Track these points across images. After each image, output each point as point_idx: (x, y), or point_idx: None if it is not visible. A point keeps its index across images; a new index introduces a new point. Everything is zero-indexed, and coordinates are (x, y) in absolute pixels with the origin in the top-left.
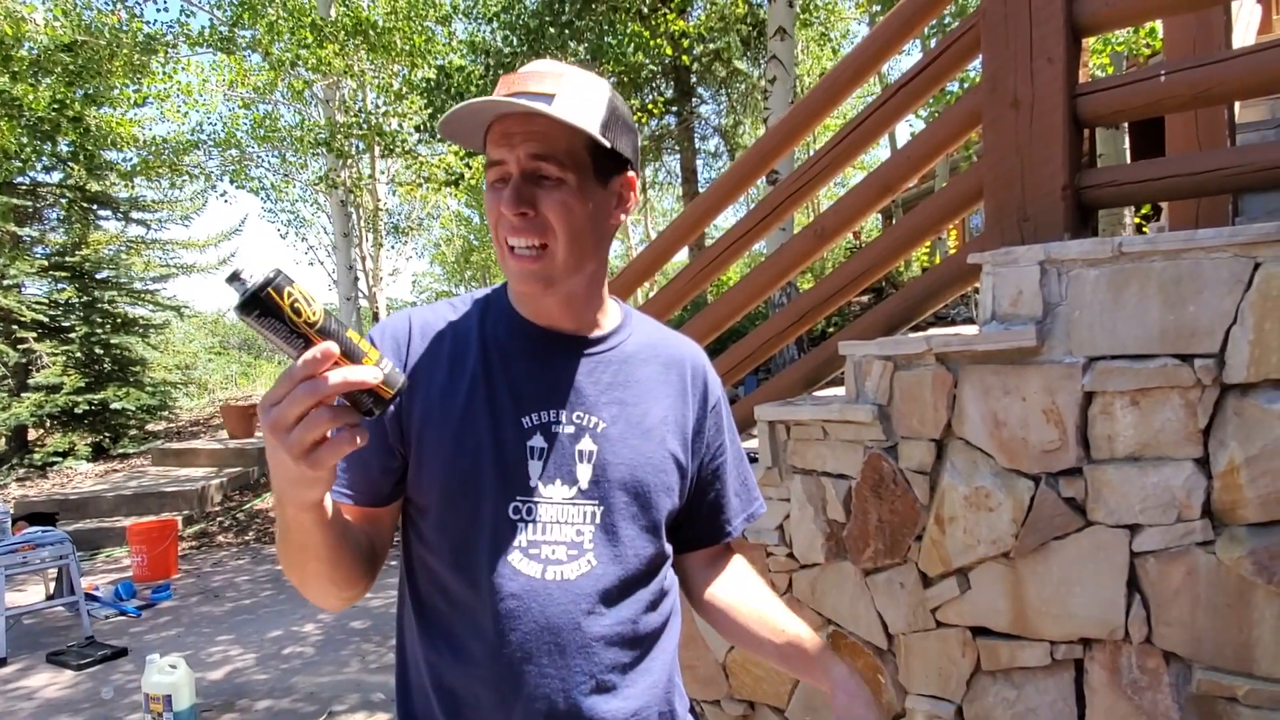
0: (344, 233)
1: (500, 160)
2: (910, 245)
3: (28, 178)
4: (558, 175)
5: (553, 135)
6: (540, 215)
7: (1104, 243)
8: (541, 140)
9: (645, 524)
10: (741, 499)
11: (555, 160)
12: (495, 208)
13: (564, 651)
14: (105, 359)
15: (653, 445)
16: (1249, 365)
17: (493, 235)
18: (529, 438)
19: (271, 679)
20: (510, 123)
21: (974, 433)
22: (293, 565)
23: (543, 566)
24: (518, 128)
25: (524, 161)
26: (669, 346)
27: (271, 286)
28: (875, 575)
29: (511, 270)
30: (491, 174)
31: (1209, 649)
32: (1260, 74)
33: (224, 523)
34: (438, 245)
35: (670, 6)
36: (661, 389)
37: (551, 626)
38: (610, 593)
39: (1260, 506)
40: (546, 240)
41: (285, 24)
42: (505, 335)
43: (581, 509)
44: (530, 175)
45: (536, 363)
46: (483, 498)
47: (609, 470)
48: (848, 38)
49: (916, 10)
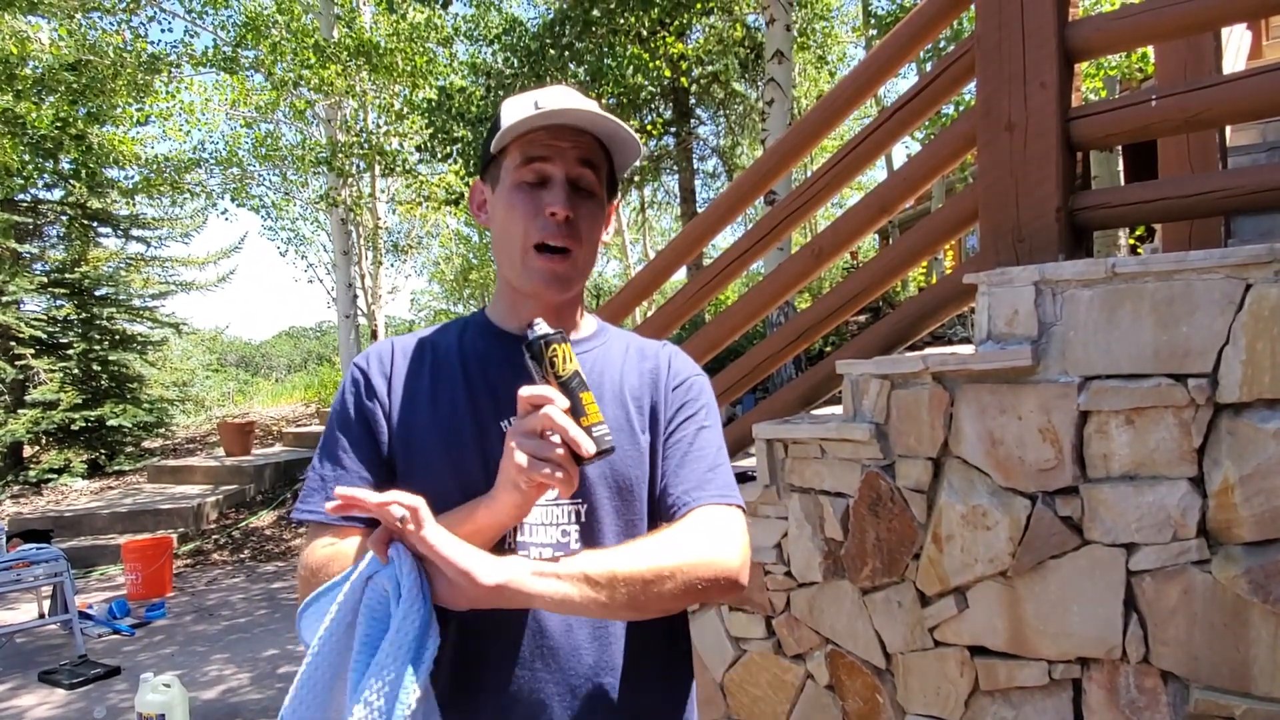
0: (344, 250)
1: (546, 159)
2: (906, 265)
3: (29, 195)
4: (595, 189)
5: (594, 151)
6: (576, 222)
7: (1098, 263)
8: (587, 152)
9: (630, 518)
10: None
11: (594, 173)
12: (531, 205)
13: (556, 653)
14: (103, 375)
15: (628, 440)
16: (1242, 385)
17: (515, 235)
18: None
19: (266, 699)
20: (560, 131)
21: (971, 451)
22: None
23: None
24: (567, 137)
25: (572, 168)
26: (638, 347)
27: (545, 339)
28: (873, 594)
29: (536, 269)
30: (526, 173)
31: (1206, 668)
32: (1250, 99)
33: (219, 541)
34: (437, 263)
35: (669, 30)
36: (633, 386)
37: (543, 629)
38: None
39: (1255, 525)
40: (573, 246)
41: (288, 45)
42: (485, 347)
43: (565, 508)
44: (574, 183)
45: (515, 368)
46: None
47: (589, 468)
48: (845, 61)
49: (912, 35)
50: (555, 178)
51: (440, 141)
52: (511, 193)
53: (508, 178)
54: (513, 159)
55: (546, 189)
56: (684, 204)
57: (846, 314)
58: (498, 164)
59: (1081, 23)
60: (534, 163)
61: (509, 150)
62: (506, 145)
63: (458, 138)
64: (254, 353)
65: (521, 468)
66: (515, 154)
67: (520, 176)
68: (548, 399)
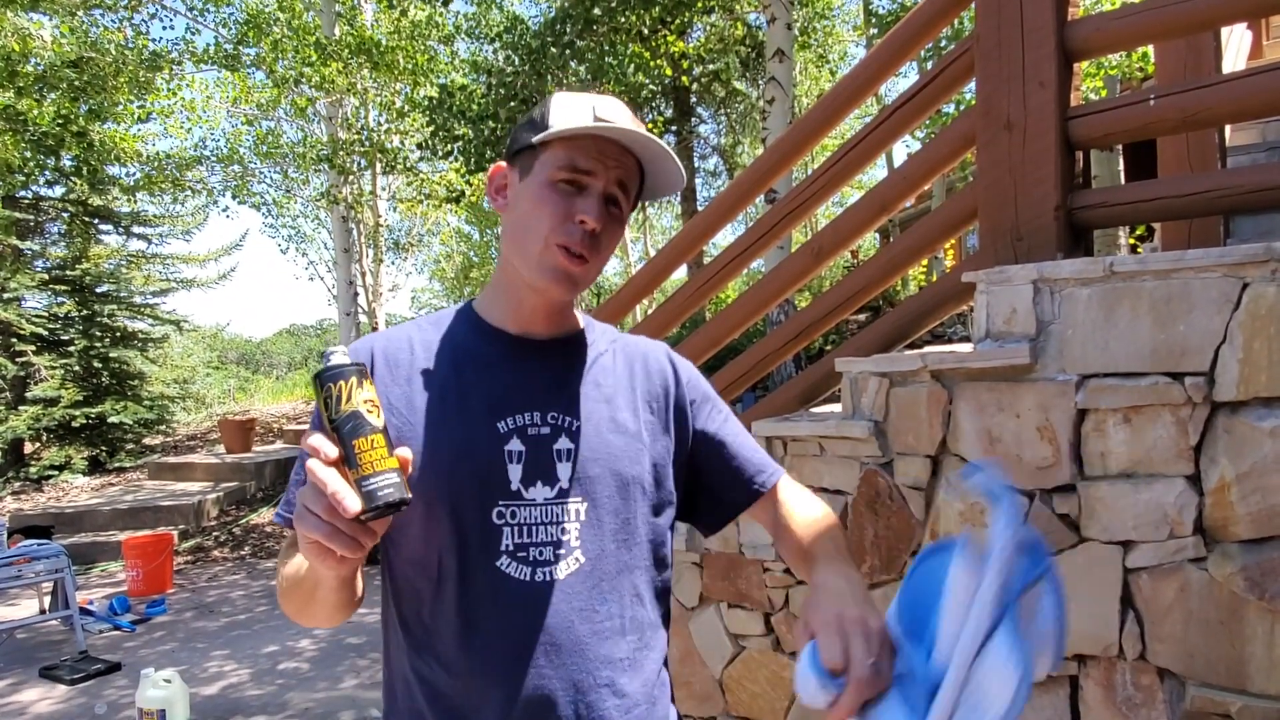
0: (344, 248)
1: (590, 171)
2: (906, 264)
3: (30, 192)
4: (624, 209)
5: (633, 173)
6: (599, 236)
7: (1095, 262)
8: (627, 172)
9: (630, 516)
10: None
11: (627, 194)
12: (563, 208)
13: (560, 651)
14: (104, 373)
15: (628, 437)
16: (1238, 383)
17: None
18: (505, 442)
19: (266, 695)
20: (608, 144)
21: (969, 449)
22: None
23: (532, 569)
24: (613, 151)
25: (611, 184)
26: (629, 344)
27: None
28: (872, 590)
29: (554, 266)
30: (564, 174)
31: (1202, 665)
32: (1248, 98)
33: (220, 538)
34: (437, 261)
35: (670, 28)
36: (629, 381)
37: (545, 627)
38: (600, 588)
39: (1251, 523)
40: (592, 257)
41: (290, 42)
42: (476, 345)
43: (565, 507)
44: (609, 199)
45: (508, 368)
46: (465, 506)
47: (588, 466)
48: (845, 59)
49: (913, 33)
50: (594, 189)
51: (441, 139)
52: (545, 188)
53: (543, 172)
54: (554, 156)
55: (582, 196)
56: (684, 202)
57: (846, 312)
58: (533, 154)
59: (1081, 22)
60: (577, 168)
61: (551, 146)
62: (550, 141)
63: (459, 135)
64: (255, 350)
65: (300, 526)
66: (559, 152)
67: (559, 176)
68: (315, 449)
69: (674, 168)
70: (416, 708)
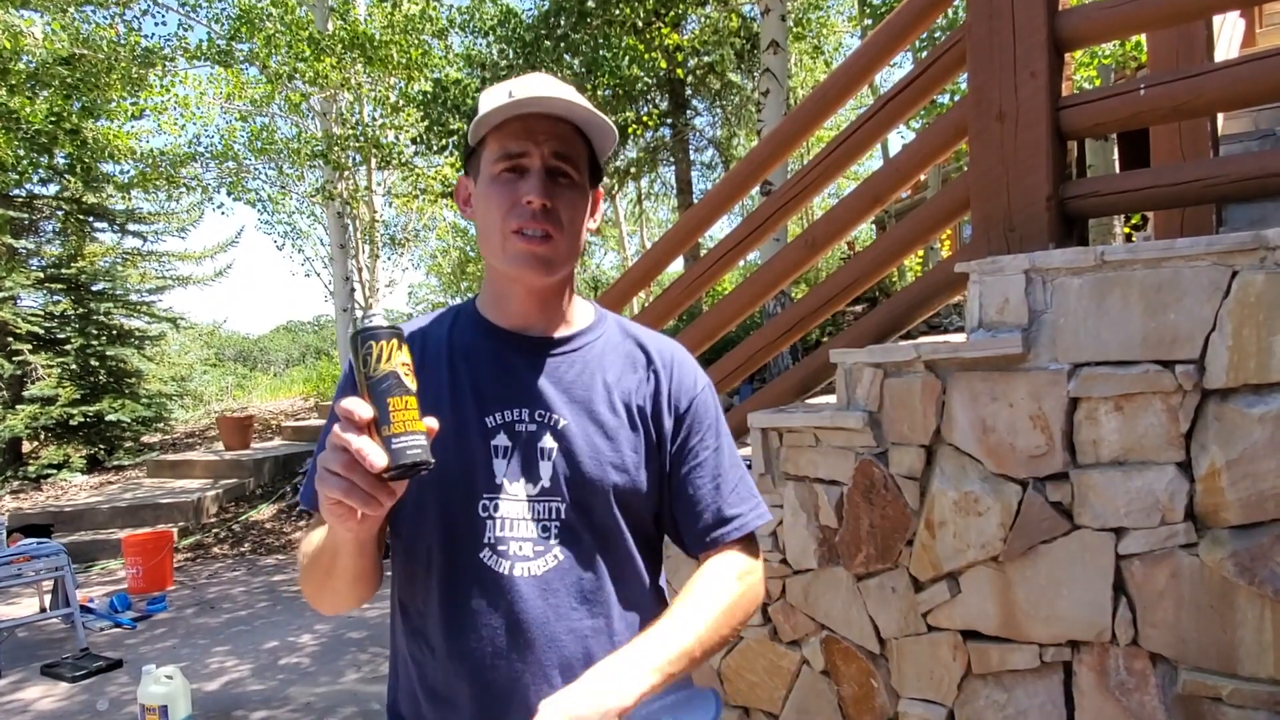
0: (340, 244)
1: (522, 153)
2: (900, 255)
3: (24, 190)
4: (573, 176)
5: (571, 139)
6: (555, 210)
7: (1087, 252)
8: (562, 141)
9: (610, 519)
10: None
11: (571, 162)
12: (509, 195)
13: (533, 646)
14: (101, 371)
15: (614, 442)
16: (1228, 370)
17: (494, 222)
18: (493, 436)
19: (267, 690)
20: (534, 120)
21: (963, 439)
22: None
23: (510, 563)
24: (542, 126)
25: (548, 158)
26: (642, 345)
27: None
28: (867, 580)
29: (517, 252)
30: (501, 165)
31: (1194, 650)
32: (1237, 87)
33: (219, 534)
34: (434, 257)
35: (664, 20)
36: (627, 385)
37: (521, 621)
38: (577, 587)
39: (1241, 509)
40: (553, 231)
41: (283, 38)
42: (471, 339)
43: (545, 505)
44: (551, 171)
45: (501, 364)
46: (451, 497)
47: (570, 467)
48: (840, 50)
49: (906, 23)
50: (532, 168)
51: (436, 134)
52: (490, 184)
53: (486, 170)
54: (491, 151)
55: (523, 179)
56: (680, 195)
57: (841, 303)
58: (478, 156)
59: (1071, 12)
60: (510, 153)
61: (487, 142)
62: (484, 137)
63: (453, 130)
64: (252, 347)
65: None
66: (493, 146)
67: (498, 168)
68: (349, 410)
69: (600, 121)
70: (411, 687)
